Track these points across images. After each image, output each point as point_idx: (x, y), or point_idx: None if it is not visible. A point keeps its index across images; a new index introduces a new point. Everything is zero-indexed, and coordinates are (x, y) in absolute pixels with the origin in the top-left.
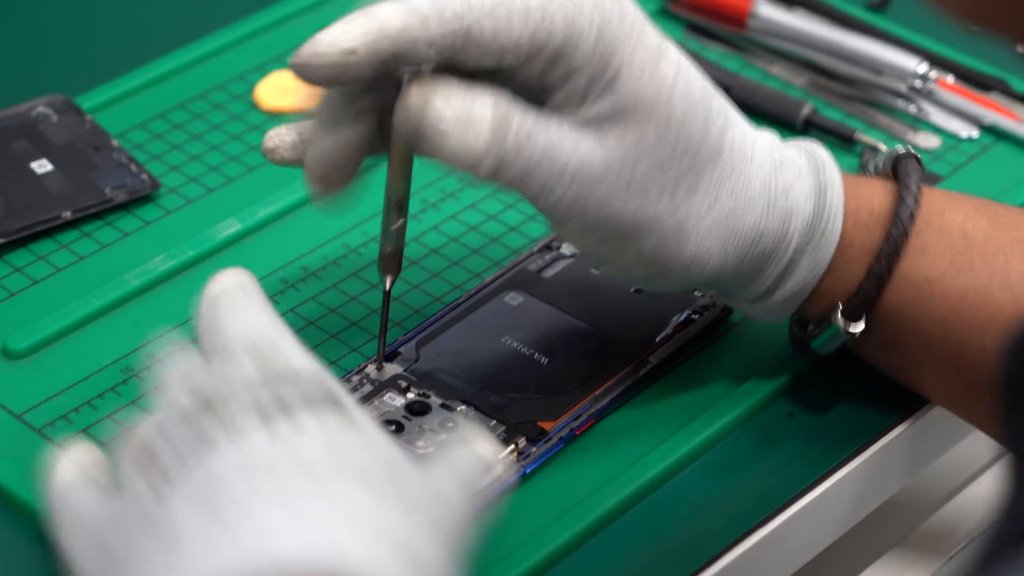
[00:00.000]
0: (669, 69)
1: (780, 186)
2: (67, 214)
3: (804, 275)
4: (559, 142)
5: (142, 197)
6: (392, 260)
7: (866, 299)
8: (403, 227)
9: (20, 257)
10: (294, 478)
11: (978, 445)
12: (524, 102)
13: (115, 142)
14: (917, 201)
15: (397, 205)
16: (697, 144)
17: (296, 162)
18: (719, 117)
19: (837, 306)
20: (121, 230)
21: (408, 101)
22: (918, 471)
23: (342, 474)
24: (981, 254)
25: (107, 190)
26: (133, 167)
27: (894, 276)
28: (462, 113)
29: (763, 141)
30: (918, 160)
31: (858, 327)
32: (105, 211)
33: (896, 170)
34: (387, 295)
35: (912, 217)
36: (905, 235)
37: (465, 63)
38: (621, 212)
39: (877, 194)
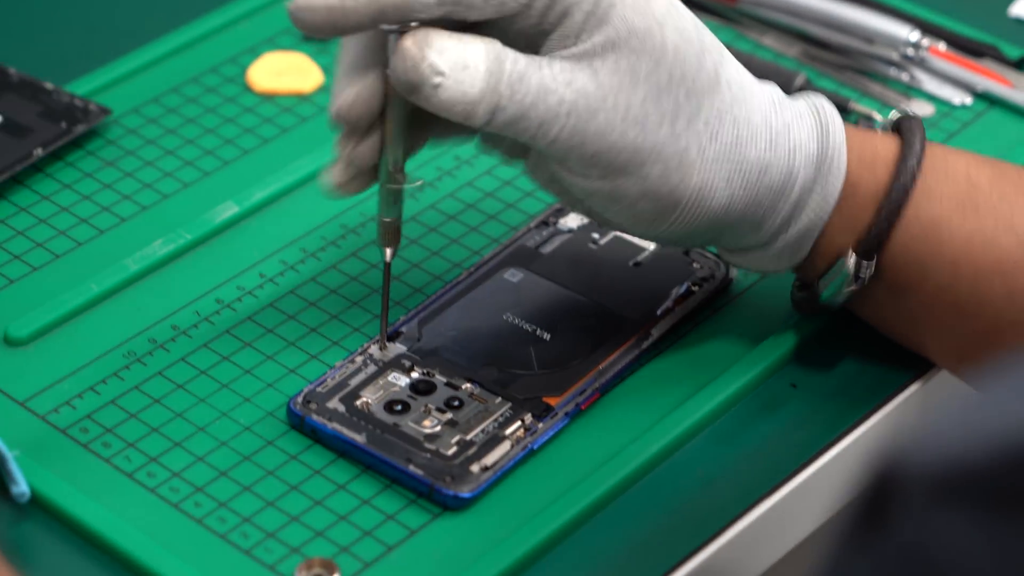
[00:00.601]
0: (660, 4)
1: (782, 122)
2: (38, 151)
3: (813, 211)
4: (552, 80)
5: (139, 184)
6: (392, 230)
7: (877, 239)
8: (402, 194)
9: (18, 244)
10: None
11: None
12: (515, 50)
13: (49, 85)
14: (923, 146)
15: (397, 169)
16: (693, 74)
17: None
18: (713, 51)
19: (847, 252)
20: (118, 215)
21: (402, 54)
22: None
23: None
24: (986, 199)
25: (62, 124)
26: (77, 102)
27: (902, 217)
28: (457, 63)
29: (762, 85)
30: (919, 119)
31: (869, 269)
32: (68, 146)
33: (898, 128)
34: (388, 268)
35: (919, 158)
36: (913, 174)
37: (467, 16)
38: (620, 142)
39: (881, 141)
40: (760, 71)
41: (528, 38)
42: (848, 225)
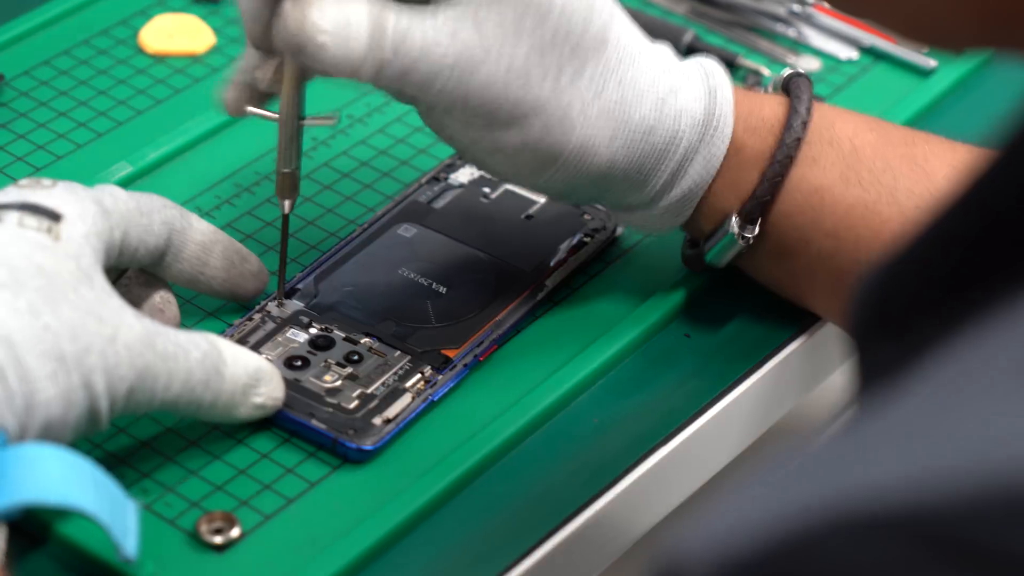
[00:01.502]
0: None
1: (668, 86)
2: None
3: (697, 174)
4: (436, 35)
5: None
6: (290, 182)
7: (760, 203)
8: (299, 144)
9: None
10: None
11: None
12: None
13: None
14: (809, 111)
15: (291, 119)
16: (579, 32)
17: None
18: (604, 10)
19: (731, 214)
20: (11, 177)
21: (285, 16)
22: (813, 386)
23: None
24: (870, 169)
25: None
26: None
27: (786, 183)
28: (339, 22)
29: (653, 47)
30: (808, 79)
31: (752, 232)
32: None
33: (787, 88)
34: (286, 221)
35: (804, 125)
36: (798, 141)
37: None
38: (502, 96)
39: (768, 104)
40: (648, 28)
41: None
42: (733, 189)
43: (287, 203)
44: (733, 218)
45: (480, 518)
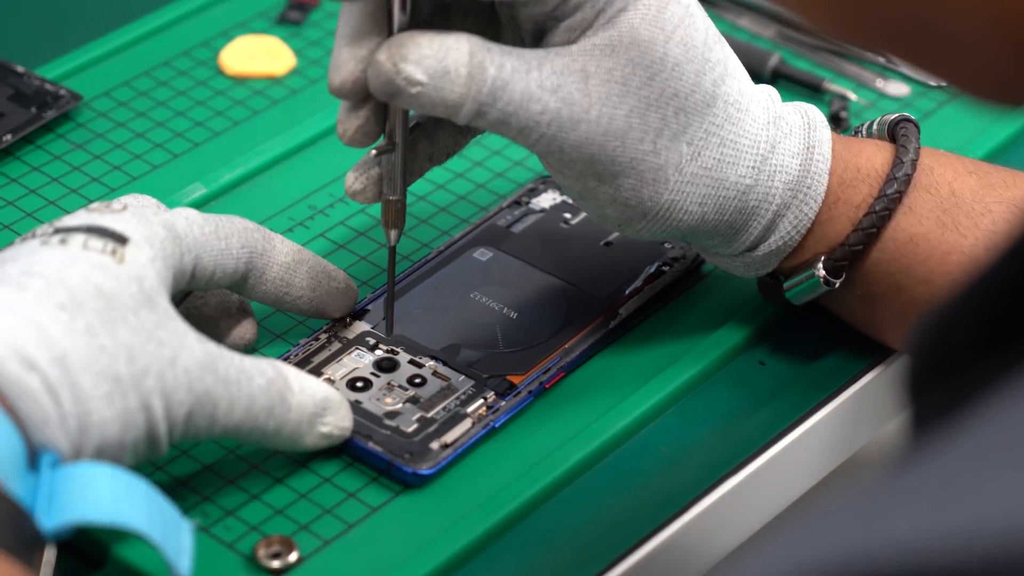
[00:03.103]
0: (675, 13)
1: (769, 141)
2: (7, 137)
3: (787, 232)
4: (538, 87)
5: (107, 165)
6: (395, 210)
7: (850, 254)
8: (407, 171)
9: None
10: (4, 272)
11: None
12: (507, 45)
13: (20, 68)
14: (914, 164)
15: (401, 148)
16: (687, 92)
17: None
18: (716, 67)
19: (818, 259)
20: (86, 197)
21: (376, 68)
22: (891, 418)
23: (49, 281)
24: (968, 213)
25: (32, 110)
26: (48, 86)
27: (880, 236)
28: (436, 71)
29: (759, 97)
30: (916, 125)
31: (839, 278)
32: (37, 129)
33: (894, 133)
34: (392, 253)
35: (908, 178)
36: (899, 194)
37: None
38: (598, 154)
39: (865, 153)
40: (735, 52)
41: (536, 24)
42: (823, 238)
43: (393, 233)
44: (820, 264)
45: (542, 547)
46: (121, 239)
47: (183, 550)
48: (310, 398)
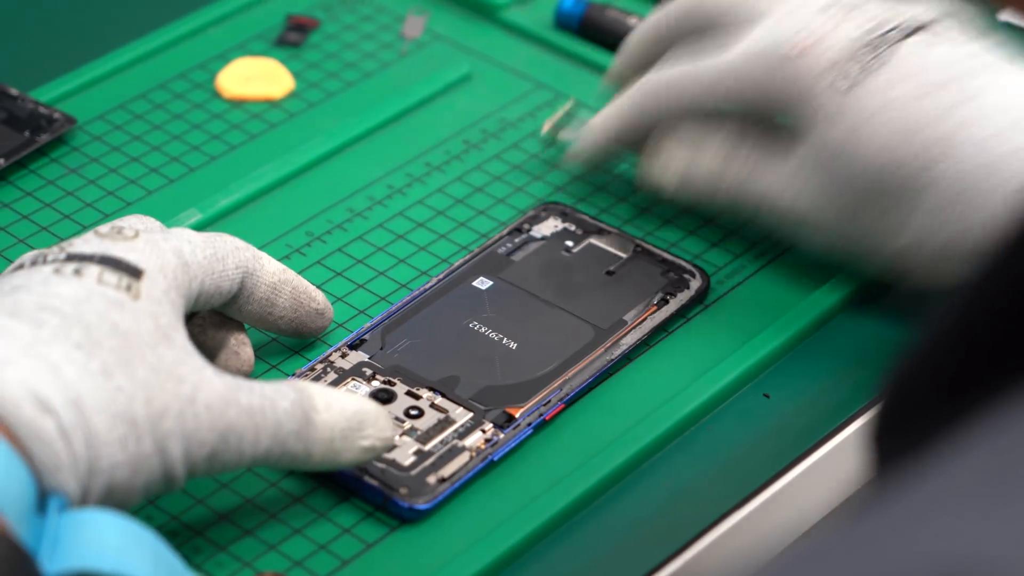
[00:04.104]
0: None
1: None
2: (0, 161)
3: None
4: (778, 191)
5: (102, 191)
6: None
7: None
8: None
9: None
10: (18, 303)
11: None
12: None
13: (14, 91)
14: None
15: None
16: (898, 187)
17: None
18: (930, 150)
19: None
20: (80, 224)
21: (644, 170)
22: None
23: (65, 318)
24: None
25: (26, 133)
26: (42, 109)
27: None
28: (681, 177)
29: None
30: None
31: None
32: (31, 153)
33: None
34: None
35: None
36: None
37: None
38: (825, 247)
39: None
40: None
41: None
42: None
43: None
44: None
45: None
46: (136, 272)
47: None
48: (339, 414)
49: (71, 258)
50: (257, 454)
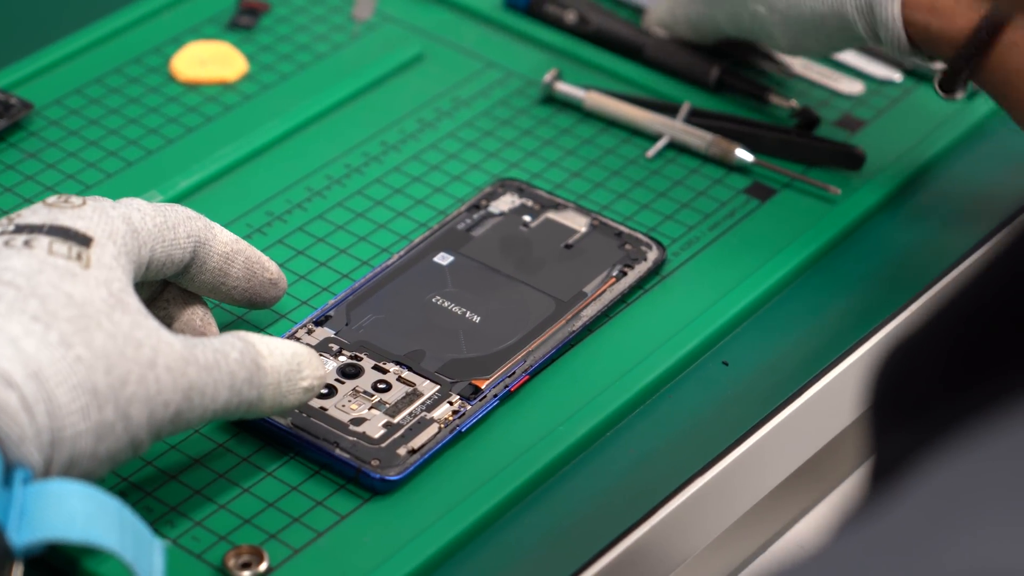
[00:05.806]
0: None
1: None
2: None
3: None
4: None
5: (61, 173)
6: None
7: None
8: None
9: None
10: None
11: None
12: None
13: None
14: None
15: None
16: None
17: None
18: None
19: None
20: None
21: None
22: (856, 414)
23: (20, 291)
24: None
25: None
26: None
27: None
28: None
29: None
30: None
31: None
32: None
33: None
34: None
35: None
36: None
37: None
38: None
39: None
40: (677, 59)
41: None
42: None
43: None
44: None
45: (512, 552)
46: (85, 240)
47: (155, 568)
48: (280, 357)
49: (20, 229)
50: (217, 408)
